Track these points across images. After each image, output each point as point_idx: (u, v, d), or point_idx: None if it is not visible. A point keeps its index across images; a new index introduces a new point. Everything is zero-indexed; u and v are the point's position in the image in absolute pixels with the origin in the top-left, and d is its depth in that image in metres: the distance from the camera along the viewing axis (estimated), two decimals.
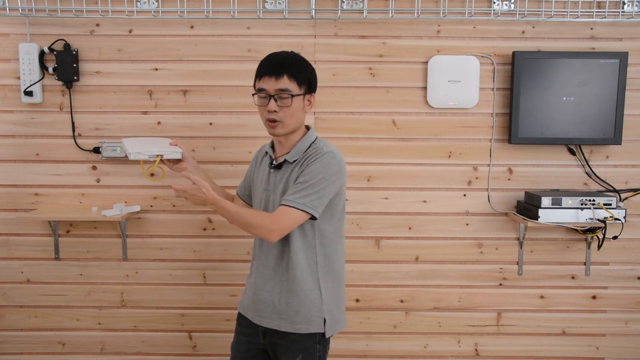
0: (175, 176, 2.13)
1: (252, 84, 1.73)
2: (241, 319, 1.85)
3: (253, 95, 1.72)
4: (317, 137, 1.76)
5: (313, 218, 1.65)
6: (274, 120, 1.67)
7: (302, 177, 1.64)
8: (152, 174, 2.36)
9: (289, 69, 1.67)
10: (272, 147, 1.81)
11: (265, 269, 1.75)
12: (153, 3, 2.30)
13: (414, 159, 2.42)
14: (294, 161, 1.70)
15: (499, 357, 2.51)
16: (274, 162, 1.76)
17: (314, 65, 2.36)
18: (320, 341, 1.73)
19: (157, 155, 1.80)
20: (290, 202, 1.62)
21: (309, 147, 1.72)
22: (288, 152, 1.73)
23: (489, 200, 2.43)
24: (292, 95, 1.66)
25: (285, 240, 1.70)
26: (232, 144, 2.40)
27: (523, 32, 2.36)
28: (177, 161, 1.84)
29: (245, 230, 1.69)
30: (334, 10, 2.32)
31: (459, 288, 2.48)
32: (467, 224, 2.45)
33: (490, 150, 2.41)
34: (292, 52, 1.74)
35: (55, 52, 2.31)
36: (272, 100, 1.66)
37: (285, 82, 1.66)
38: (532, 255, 2.46)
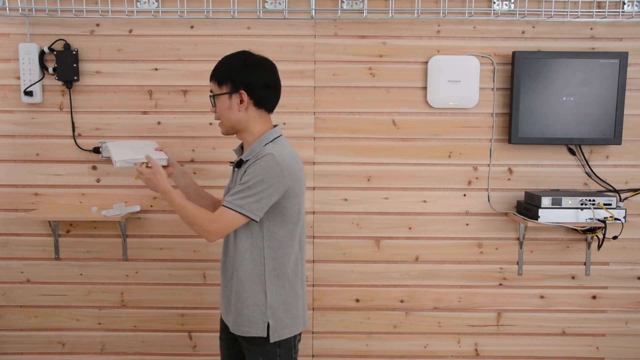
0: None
1: None
2: (221, 318, 1.88)
3: None
4: (275, 138, 1.71)
5: (252, 220, 1.62)
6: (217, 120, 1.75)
7: (243, 177, 1.63)
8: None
9: (213, 71, 1.73)
10: (242, 148, 1.82)
11: (222, 270, 1.79)
12: (153, 3, 2.30)
13: (414, 159, 2.42)
14: (247, 160, 1.69)
15: (499, 357, 2.51)
16: (232, 162, 1.79)
17: (314, 65, 2.38)
18: (280, 345, 1.69)
19: (142, 163, 1.80)
20: (229, 203, 1.61)
21: (265, 146, 1.68)
22: (244, 152, 1.76)
23: (489, 200, 2.43)
24: (213, 96, 1.72)
25: (233, 241, 1.70)
26: (232, 144, 2.38)
27: (523, 32, 2.36)
28: (164, 167, 1.84)
29: (189, 227, 1.71)
30: (334, 10, 2.32)
31: (459, 288, 2.48)
32: (467, 224, 2.45)
33: (490, 150, 2.41)
34: (238, 52, 1.75)
35: (55, 52, 2.31)
36: (212, 103, 1.74)
37: (211, 85, 1.73)
38: (532, 255, 2.46)
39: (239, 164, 1.73)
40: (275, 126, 1.75)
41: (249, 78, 1.68)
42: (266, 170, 1.59)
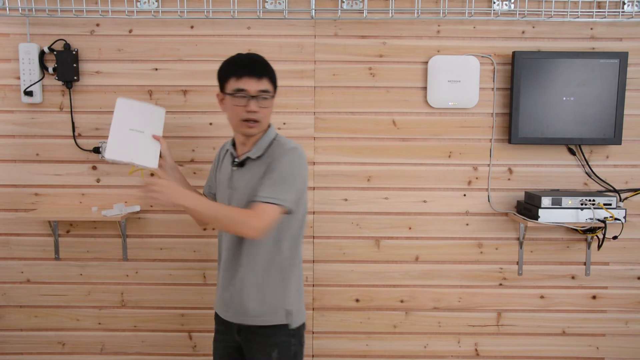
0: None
1: None
2: (217, 317, 1.88)
3: (225, 94, 1.72)
4: (277, 134, 1.79)
5: (287, 212, 1.68)
6: (254, 121, 1.69)
7: (270, 173, 1.66)
8: (151, 174, 2.37)
9: (268, 71, 1.72)
10: (233, 145, 1.82)
11: (225, 267, 1.77)
12: (153, 3, 2.30)
13: (414, 159, 2.42)
14: (257, 157, 1.72)
15: (499, 357, 2.51)
16: (236, 160, 1.77)
17: (314, 65, 2.39)
18: (294, 334, 1.75)
19: (133, 165, 1.85)
20: (270, 198, 1.63)
21: (271, 143, 1.74)
22: (250, 150, 1.74)
23: (489, 200, 2.43)
24: (272, 96, 1.72)
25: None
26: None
27: (523, 32, 2.36)
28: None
29: (223, 228, 1.71)
30: (334, 10, 2.32)
31: (459, 288, 2.48)
32: (467, 224, 2.45)
33: (490, 150, 2.41)
34: (257, 54, 1.78)
35: (55, 52, 2.31)
36: (253, 101, 1.67)
37: (266, 84, 1.70)
38: (532, 255, 2.46)
39: (242, 163, 1.74)
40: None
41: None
42: (296, 163, 1.69)
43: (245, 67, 1.69)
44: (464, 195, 2.44)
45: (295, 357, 1.77)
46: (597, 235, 2.34)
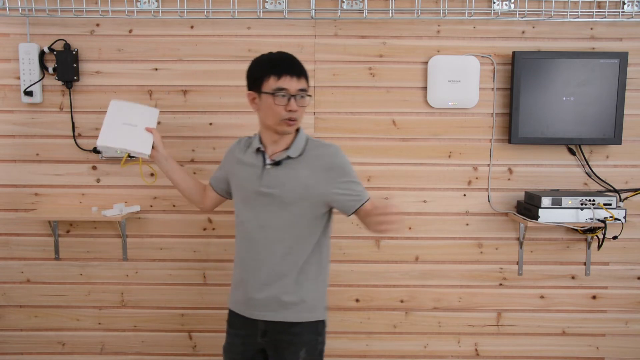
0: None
1: None
2: (234, 320, 1.83)
3: (263, 93, 1.69)
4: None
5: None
6: (294, 120, 1.70)
7: (343, 175, 1.72)
8: (151, 174, 2.37)
9: (305, 70, 1.73)
10: (260, 143, 1.79)
11: (269, 263, 1.74)
12: (153, 3, 2.30)
13: (414, 159, 2.42)
14: (297, 156, 1.73)
15: (499, 357, 2.51)
16: (271, 159, 1.75)
17: (314, 65, 2.38)
18: (321, 332, 1.79)
19: (126, 152, 1.92)
20: (366, 197, 1.72)
21: (307, 143, 1.77)
22: (287, 149, 1.74)
23: (489, 200, 2.43)
24: (309, 95, 1.73)
25: (304, 232, 1.74)
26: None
27: (523, 32, 2.36)
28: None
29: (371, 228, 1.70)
30: (334, 10, 2.32)
31: (459, 288, 2.48)
32: (467, 224, 2.45)
33: (490, 150, 2.41)
34: (288, 53, 1.78)
35: (55, 52, 2.31)
36: (293, 100, 1.68)
37: (304, 83, 1.71)
38: (532, 255, 2.46)
39: (278, 162, 1.73)
40: None
41: None
42: (348, 160, 1.76)
43: (285, 66, 1.69)
44: (464, 195, 2.43)
45: (321, 355, 1.80)
46: (597, 235, 2.34)
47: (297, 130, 1.78)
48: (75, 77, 2.34)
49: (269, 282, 1.74)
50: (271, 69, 1.68)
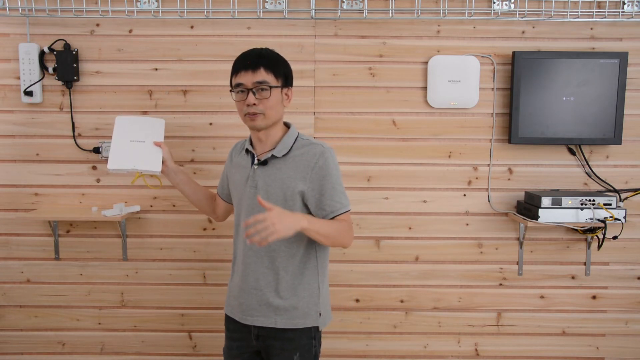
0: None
1: None
2: (229, 323, 1.83)
3: (230, 92, 1.72)
4: (299, 132, 1.78)
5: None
6: (254, 114, 1.67)
7: (326, 181, 1.67)
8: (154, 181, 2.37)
9: (264, 62, 1.69)
10: (251, 144, 1.80)
11: (259, 267, 1.72)
12: (153, 3, 2.30)
13: (414, 159, 2.42)
14: (283, 156, 1.70)
15: (499, 357, 2.51)
16: (258, 159, 1.74)
17: (314, 65, 2.38)
18: (315, 336, 1.75)
19: (137, 172, 1.90)
20: (343, 206, 1.69)
21: (295, 141, 1.73)
22: (273, 148, 1.72)
23: (489, 200, 2.43)
24: (271, 87, 1.67)
25: (295, 239, 1.67)
26: (232, 144, 2.39)
27: (523, 32, 2.36)
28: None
29: (327, 242, 1.66)
30: (334, 10, 2.32)
31: (459, 288, 2.48)
32: (467, 224, 2.45)
33: (490, 150, 2.41)
34: (266, 48, 1.76)
35: (55, 52, 2.31)
36: (251, 94, 1.66)
37: (263, 75, 1.67)
38: (532, 255, 2.46)
39: (265, 162, 1.71)
40: (286, 123, 1.80)
41: (292, 76, 1.77)
42: (336, 164, 1.71)
43: (240, 61, 1.70)
44: (464, 195, 2.44)
45: (316, 358, 1.77)
46: (597, 235, 2.34)
47: (289, 128, 1.76)
48: (75, 77, 2.34)
49: (259, 286, 1.72)
50: (233, 67, 1.72)
